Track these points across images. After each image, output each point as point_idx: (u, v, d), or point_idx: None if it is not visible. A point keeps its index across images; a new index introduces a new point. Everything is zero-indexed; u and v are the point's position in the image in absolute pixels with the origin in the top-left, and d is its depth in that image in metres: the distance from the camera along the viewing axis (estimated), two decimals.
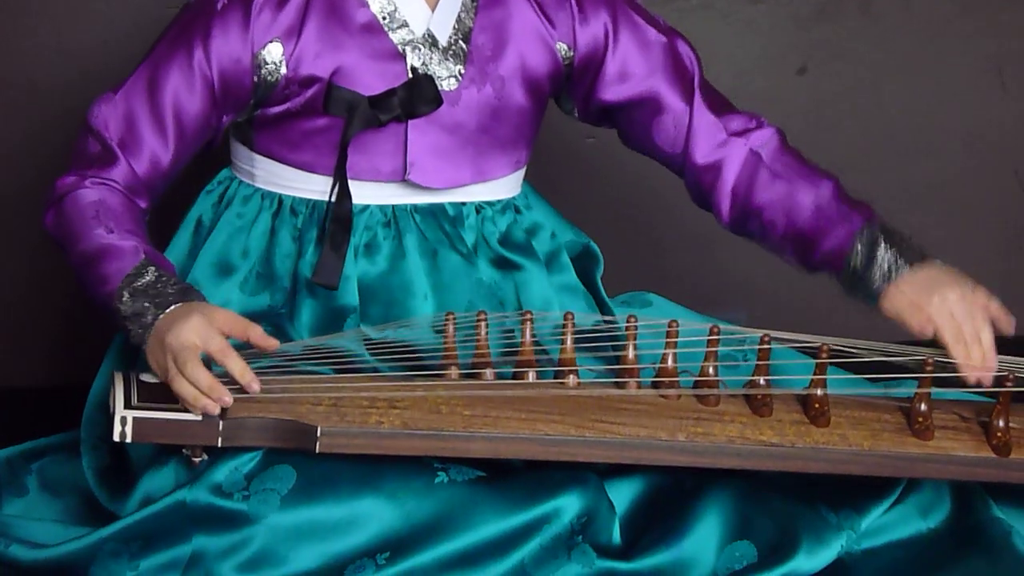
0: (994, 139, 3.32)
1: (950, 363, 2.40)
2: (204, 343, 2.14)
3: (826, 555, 2.27)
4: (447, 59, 2.45)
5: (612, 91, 2.51)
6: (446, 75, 2.44)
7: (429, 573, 2.19)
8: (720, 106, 2.48)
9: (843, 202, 2.42)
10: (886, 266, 2.35)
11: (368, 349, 2.32)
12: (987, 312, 2.33)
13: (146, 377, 2.18)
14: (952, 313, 2.31)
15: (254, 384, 2.13)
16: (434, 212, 2.49)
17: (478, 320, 2.31)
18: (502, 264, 2.49)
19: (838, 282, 2.42)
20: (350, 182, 2.40)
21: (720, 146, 2.48)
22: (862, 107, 3.25)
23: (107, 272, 2.24)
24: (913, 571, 2.31)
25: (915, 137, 3.29)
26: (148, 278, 2.24)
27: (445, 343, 2.29)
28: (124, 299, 2.21)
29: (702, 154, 2.47)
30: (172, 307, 2.18)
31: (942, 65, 3.24)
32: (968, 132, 3.28)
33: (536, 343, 2.37)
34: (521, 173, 2.54)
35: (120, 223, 2.29)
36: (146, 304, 2.21)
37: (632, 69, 2.50)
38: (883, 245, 2.36)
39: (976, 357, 2.30)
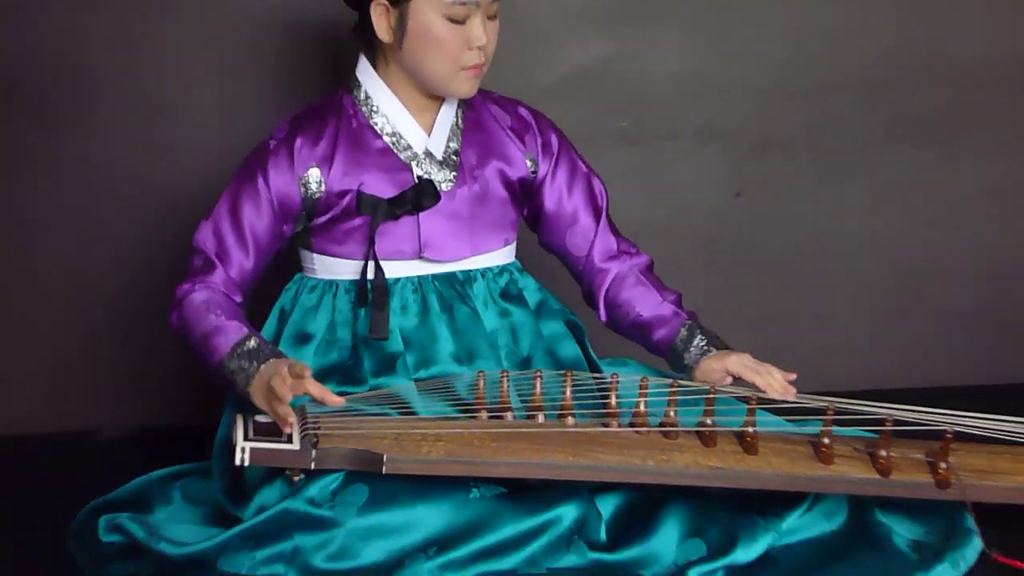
0: (881, 247, 3.40)
1: (846, 407, 2.54)
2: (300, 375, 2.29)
3: (757, 550, 2.41)
4: (444, 168, 2.60)
5: (549, 200, 2.71)
6: (443, 179, 2.59)
7: (465, 563, 2.31)
8: (615, 231, 2.73)
9: (677, 308, 2.67)
10: (699, 349, 2.61)
11: (420, 394, 2.50)
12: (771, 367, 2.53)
13: (259, 418, 2.34)
14: (746, 363, 2.53)
15: (336, 399, 2.31)
16: (448, 278, 2.63)
17: (501, 376, 2.47)
18: (503, 314, 2.66)
19: (664, 358, 2.68)
20: (384, 263, 2.56)
21: (611, 258, 2.71)
22: (785, 223, 3.39)
23: (218, 344, 2.41)
24: (820, 561, 2.44)
25: (823, 245, 3.43)
26: (251, 344, 2.41)
27: (476, 394, 2.45)
28: (232, 361, 2.38)
29: (600, 259, 2.71)
30: (268, 360, 2.35)
31: (842, 191, 3.33)
32: (860, 242, 3.36)
33: (572, 394, 2.52)
34: (511, 248, 2.71)
35: (225, 311, 2.47)
36: (251, 361, 2.38)
37: (563, 188, 2.72)
38: (698, 336, 2.62)
39: (774, 381, 2.52)
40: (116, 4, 3.09)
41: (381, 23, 2.50)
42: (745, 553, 2.41)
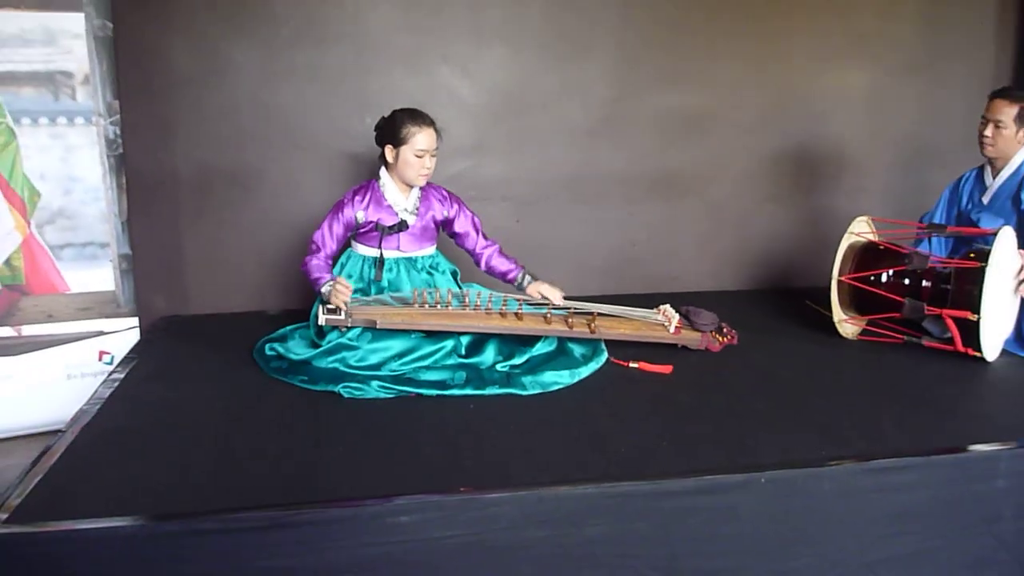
0: (588, 239, 3.34)
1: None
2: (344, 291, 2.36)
3: (525, 356, 2.44)
4: (411, 215, 2.53)
5: (456, 227, 2.60)
6: (410, 219, 2.52)
7: (410, 363, 2.33)
8: (485, 235, 2.65)
9: (518, 265, 2.62)
10: (527, 280, 2.60)
11: (391, 299, 2.47)
12: (555, 285, 2.60)
13: (328, 306, 2.39)
14: (546, 288, 2.55)
15: (345, 297, 2.34)
16: (409, 259, 2.54)
17: (424, 292, 2.47)
18: (430, 274, 2.57)
19: (512, 285, 2.61)
20: (384, 251, 2.51)
21: (484, 248, 2.63)
22: (538, 234, 3.24)
23: (321, 279, 2.43)
24: (544, 361, 2.43)
25: (558, 240, 3.30)
26: (329, 284, 2.40)
27: (414, 299, 2.45)
28: (325, 289, 2.41)
29: (479, 249, 2.63)
30: (332, 288, 2.38)
31: (587, 210, 3.35)
32: (575, 235, 3.31)
33: (464, 300, 2.48)
34: (434, 246, 2.61)
35: (324, 269, 2.46)
36: (328, 290, 2.39)
37: (465, 222, 2.61)
38: (528, 275, 2.61)
39: (557, 295, 2.54)
40: (277, 135, 3.05)
41: (389, 155, 2.50)
42: (520, 358, 2.46)
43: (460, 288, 2.63)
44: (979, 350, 2.44)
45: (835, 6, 3.42)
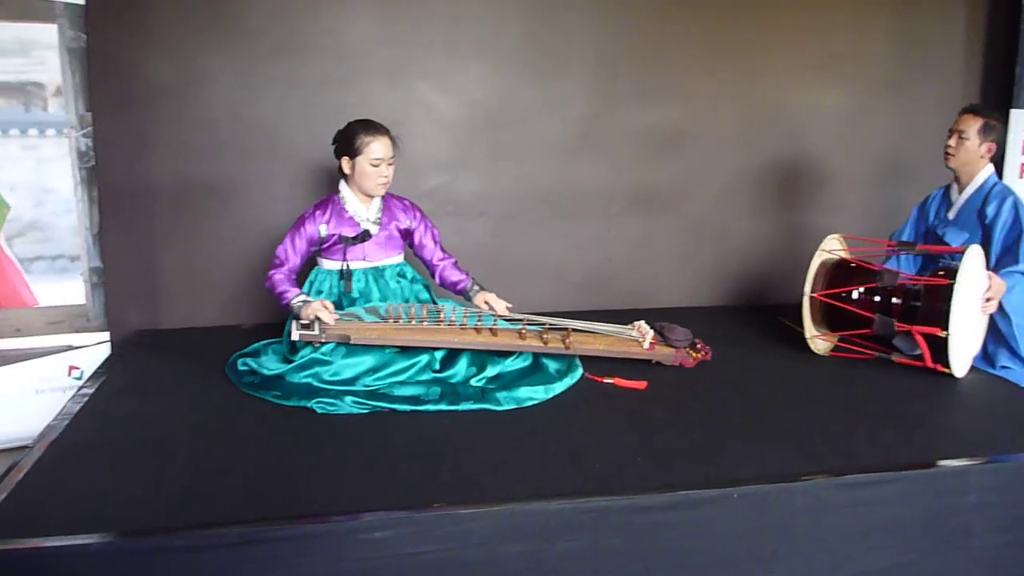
0: (564, 253, 3.37)
1: (532, 319, 2.57)
2: (321, 305, 2.35)
3: (496, 370, 2.45)
4: (374, 225, 2.57)
5: (416, 238, 2.63)
6: (373, 229, 2.56)
7: (383, 378, 2.34)
8: (442, 248, 2.69)
9: (467, 276, 2.65)
10: (475, 290, 2.62)
11: (365, 313, 2.47)
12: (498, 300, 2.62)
13: (301, 321, 2.39)
14: (492, 298, 2.56)
15: (332, 319, 2.36)
16: (376, 269, 2.57)
17: (398, 306, 2.50)
18: (398, 282, 2.61)
19: (461, 295, 2.66)
20: (350, 262, 2.55)
21: (440, 260, 2.67)
22: (527, 253, 3.29)
23: (288, 295, 2.48)
24: (519, 377, 2.44)
25: (537, 255, 3.33)
26: (303, 297, 2.45)
27: (387, 312, 2.47)
28: (293, 304, 2.44)
29: (436, 260, 2.67)
30: (306, 303, 2.40)
31: (565, 225, 3.37)
32: (556, 249, 3.35)
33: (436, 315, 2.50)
34: (401, 255, 2.64)
35: (289, 283, 2.51)
36: (305, 303, 2.41)
37: (424, 234, 2.64)
38: (476, 285, 2.64)
39: (501, 307, 2.56)
40: (255, 147, 3.05)
41: (346, 166, 2.55)
42: (492, 370, 2.46)
43: (435, 303, 2.62)
44: (948, 366, 2.46)
45: (811, 24, 3.49)
